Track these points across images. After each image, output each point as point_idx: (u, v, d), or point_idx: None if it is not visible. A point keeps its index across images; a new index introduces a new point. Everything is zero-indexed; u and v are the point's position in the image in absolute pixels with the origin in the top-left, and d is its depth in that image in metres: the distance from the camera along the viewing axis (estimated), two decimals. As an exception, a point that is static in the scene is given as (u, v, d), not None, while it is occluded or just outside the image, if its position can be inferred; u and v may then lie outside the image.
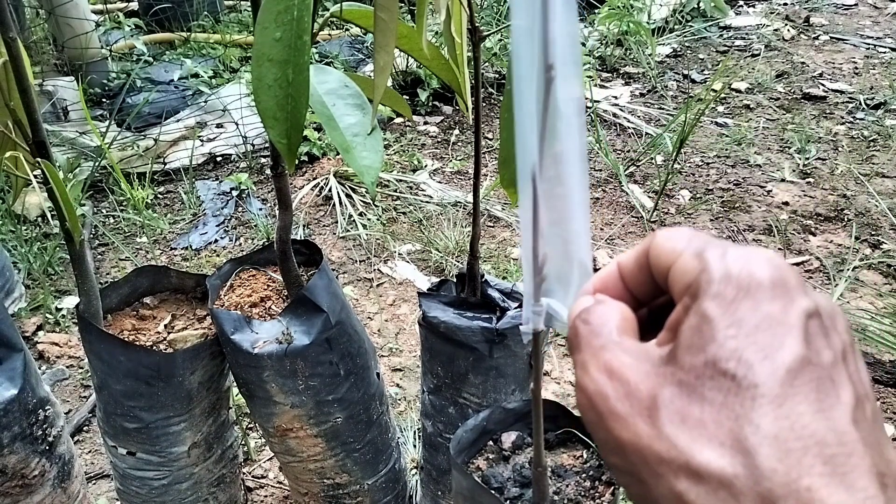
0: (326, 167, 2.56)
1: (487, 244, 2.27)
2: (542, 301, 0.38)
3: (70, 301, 2.03)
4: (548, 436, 0.87)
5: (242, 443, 1.54)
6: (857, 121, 2.97)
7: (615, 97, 3.18)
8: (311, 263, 1.12)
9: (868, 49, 3.64)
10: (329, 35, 3.51)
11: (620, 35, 3.51)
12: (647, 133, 2.87)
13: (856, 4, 4.23)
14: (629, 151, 2.79)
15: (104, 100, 2.92)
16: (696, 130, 2.83)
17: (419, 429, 1.34)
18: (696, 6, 3.89)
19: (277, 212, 0.99)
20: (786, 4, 4.22)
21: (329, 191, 2.47)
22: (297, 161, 2.47)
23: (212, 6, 3.72)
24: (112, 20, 3.34)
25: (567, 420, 0.89)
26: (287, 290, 1.06)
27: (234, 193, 2.56)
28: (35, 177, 0.95)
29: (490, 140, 2.86)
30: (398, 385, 1.79)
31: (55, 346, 1.89)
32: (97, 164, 2.48)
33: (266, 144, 2.73)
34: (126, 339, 1.03)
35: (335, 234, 2.33)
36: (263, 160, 2.72)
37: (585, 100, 2.68)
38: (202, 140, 2.77)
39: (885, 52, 3.59)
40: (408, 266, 2.20)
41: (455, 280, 1.07)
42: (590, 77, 3.25)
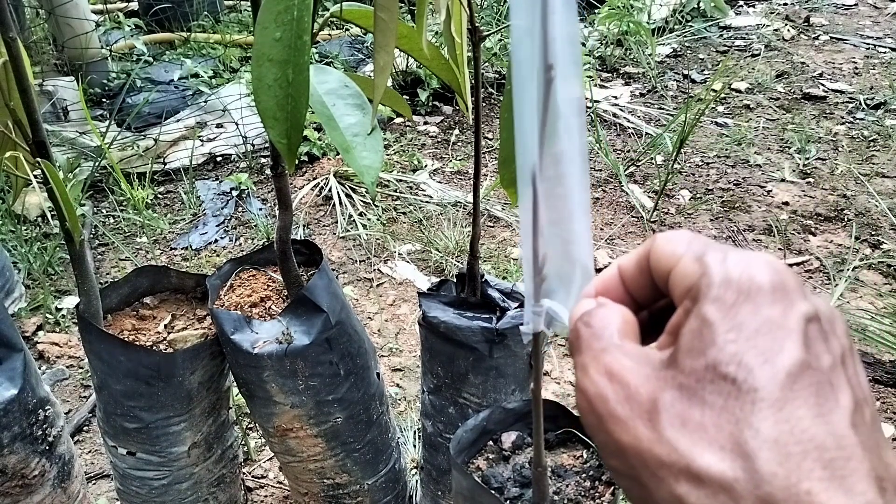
0: (326, 167, 2.56)
1: (487, 244, 2.27)
2: (543, 303, 0.38)
3: (70, 301, 2.03)
4: (548, 436, 0.87)
5: (242, 443, 1.54)
6: (857, 121, 2.97)
7: (615, 97, 3.18)
8: (311, 263, 1.12)
9: (868, 49, 3.64)
10: (329, 35, 3.51)
11: (620, 35, 3.51)
12: (647, 133, 2.87)
13: (856, 4, 4.22)
14: (629, 151, 2.79)
15: (104, 100, 2.92)
16: (696, 130, 2.83)
17: (419, 429, 1.34)
18: (696, 6, 3.89)
19: (277, 212, 0.99)
20: (786, 4, 4.22)
21: (329, 191, 2.47)
22: (297, 161, 2.47)
23: (212, 6, 3.72)
24: (112, 20, 3.34)
25: (567, 420, 0.89)
26: (287, 290, 1.06)
27: (234, 193, 2.56)
28: (35, 177, 0.95)
29: (490, 140, 2.86)
30: (398, 385, 1.79)
31: (55, 346, 1.89)
32: (97, 164, 2.48)
33: (266, 144, 2.73)
34: (126, 339, 1.03)
35: (335, 234, 2.33)
36: (263, 160, 2.72)
37: (585, 100, 2.68)
38: (202, 140, 2.77)
39: (885, 52, 3.59)
40: (408, 266, 2.20)
41: (455, 280, 1.07)
42: (590, 77, 3.25)
